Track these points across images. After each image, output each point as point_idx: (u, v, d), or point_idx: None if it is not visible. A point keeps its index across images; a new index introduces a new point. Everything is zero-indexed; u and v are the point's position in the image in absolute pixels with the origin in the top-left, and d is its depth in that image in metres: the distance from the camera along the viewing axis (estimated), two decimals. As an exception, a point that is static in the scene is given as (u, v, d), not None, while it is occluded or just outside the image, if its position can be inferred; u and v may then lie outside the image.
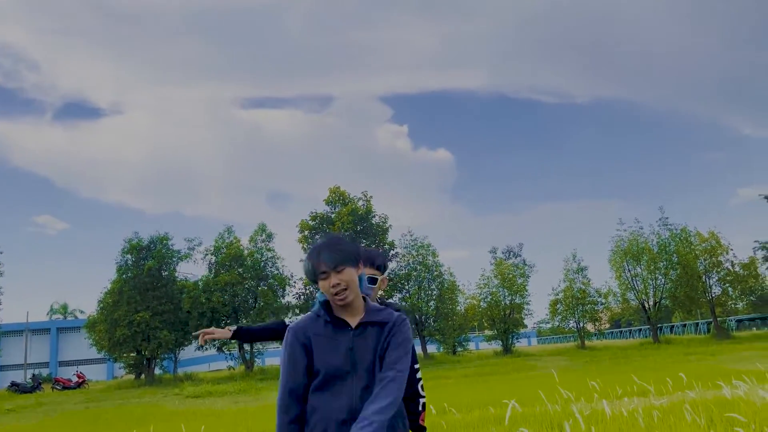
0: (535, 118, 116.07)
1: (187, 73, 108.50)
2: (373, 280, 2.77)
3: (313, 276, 2.21)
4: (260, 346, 38.80)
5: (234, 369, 37.26)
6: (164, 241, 35.88)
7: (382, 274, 2.84)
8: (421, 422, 2.78)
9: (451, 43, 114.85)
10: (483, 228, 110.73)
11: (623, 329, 69.98)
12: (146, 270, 34.12)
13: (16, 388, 35.65)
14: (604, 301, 43.71)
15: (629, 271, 42.32)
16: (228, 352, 37.77)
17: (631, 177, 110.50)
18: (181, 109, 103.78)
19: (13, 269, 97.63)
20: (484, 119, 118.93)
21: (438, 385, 18.10)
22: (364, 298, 2.27)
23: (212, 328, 3.18)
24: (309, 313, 2.31)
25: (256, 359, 38.30)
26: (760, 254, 45.18)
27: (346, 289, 2.16)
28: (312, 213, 38.77)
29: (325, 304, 2.24)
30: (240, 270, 36.60)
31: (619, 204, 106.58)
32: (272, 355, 48.32)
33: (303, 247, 38.23)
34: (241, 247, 37.97)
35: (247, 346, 37.14)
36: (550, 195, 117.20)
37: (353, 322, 2.21)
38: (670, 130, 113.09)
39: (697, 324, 54.35)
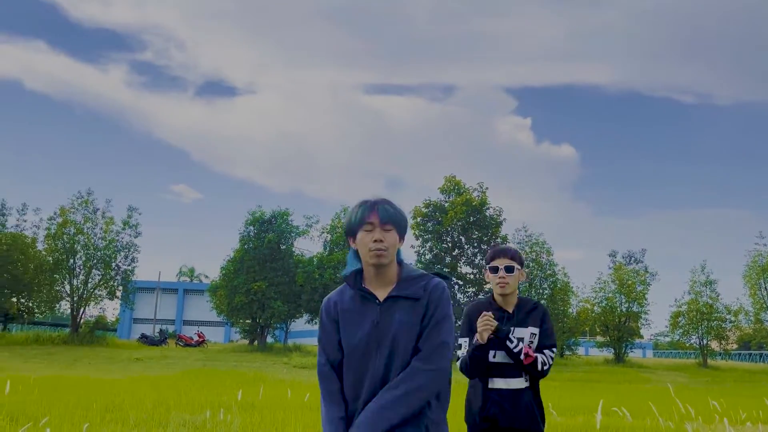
0: (668, 118, 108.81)
1: (316, 57, 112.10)
2: (509, 269, 2.93)
3: (357, 225, 2.06)
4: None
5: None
6: (285, 216, 37.47)
7: None
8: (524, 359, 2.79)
9: (580, 34, 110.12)
10: (602, 230, 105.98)
11: (753, 352, 64.36)
12: (266, 242, 35.82)
13: (145, 339, 39.00)
14: (733, 319, 40.40)
15: (766, 289, 38.83)
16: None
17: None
18: (309, 92, 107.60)
19: (150, 231, 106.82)
20: (613, 116, 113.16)
21: (546, 387, 17.59)
22: (400, 264, 2.11)
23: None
24: (341, 286, 2.18)
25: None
26: None
27: (385, 249, 2.01)
28: (426, 200, 38.83)
29: (356, 274, 2.12)
30: (353, 250, 37.47)
31: (755, 216, 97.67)
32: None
33: (415, 233, 38.45)
34: (356, 229, 38.84)
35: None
36: (678, 201, 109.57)
37: (382, 294, 2.06)
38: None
39: None
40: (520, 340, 2.82)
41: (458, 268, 37.67)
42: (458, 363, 2.97)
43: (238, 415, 8.45)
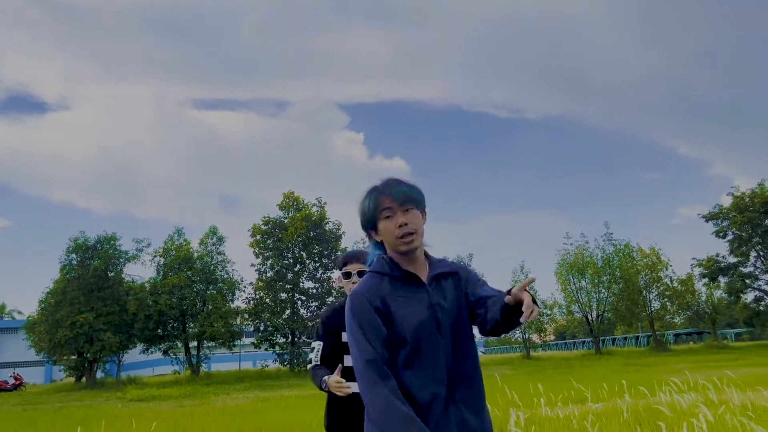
0: (487, 130, 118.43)
1: (138, 70, 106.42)
2: (362, 274, 2.79)
3: (373, 215, 1.91)
4: (207, 351, 38.33)
5: (179, 373, 36.68)
6: (111, 241, 35.09)
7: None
8: None
9: (408, 53, 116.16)
10: (434, 238, 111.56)
11: (567, 341, 71.84)
12: (92, 270, 33.27)
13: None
14: (549, 312, 44.86)
15: (574, 284, 43.63)
16: (174, 356, 37.15)
17: (579, 192, 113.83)
18: (131, 107, 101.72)
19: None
20: (438, 129, 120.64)
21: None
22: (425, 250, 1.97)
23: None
24: (366, 276, 1.96)
25: (203, 364, 37.77)
26: (696, 271, 47.30)
27: (414, 233, 1.86)
28: (265, 217, 38.62)
29: (390, 260, 1.93)
30: (189, 273, 36.10)
31: (566, 218, 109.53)
32: (219, 361, 47.68)
33: (254, 251, 38.00)
34: (191, 250, 37.49)
35: (193, 351, 36.62)
36: (500, 206, 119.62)
37: (423, 276, 1.90)
38: (616, 149, 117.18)
39: (638, 337, 56.28)
40: None
41: (300, 284, 37.84)
42: (308, 366, 2.93)
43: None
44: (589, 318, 43.81)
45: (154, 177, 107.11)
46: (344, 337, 2.77)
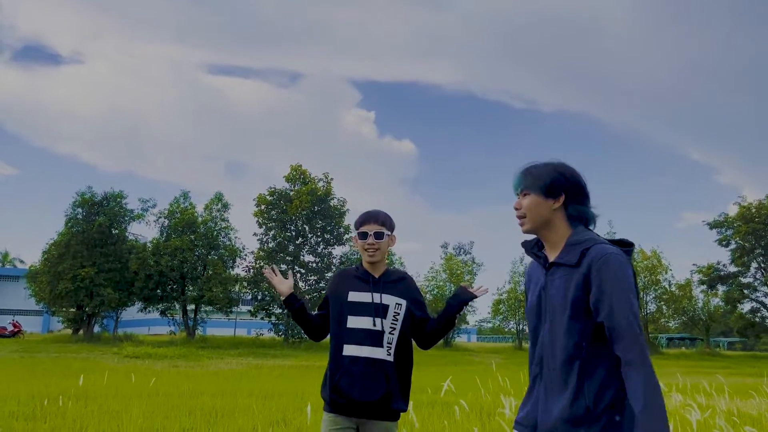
0: (499, 120, 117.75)
1: (155, 29, 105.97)
2: (379, 235, 2.77)
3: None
4: (204, 315, 38.71)
5: (175, 334, 37.11)
6: (118, 199, 35.32)
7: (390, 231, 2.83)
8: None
9: (426, 34, 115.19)
10: (438, 223, 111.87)
11: (560, 335, 72.08)
12: (96, 226, 33.55)
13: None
14: (545, 306, 45.04)
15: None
16: (171, 317, 37.55)
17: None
18: (145, 66, 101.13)
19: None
20: (450, 115, 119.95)
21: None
22: (575, 226, 1.94)
23: (277, 274, 2.94)
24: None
25: (198, 327, 38.19)
26: (696, 277, 47.40)
27: (523, 216, 1.94)
28: (271, 188, 38.73)
29: (537, 240, 2.03)
30: (192, 237, 36.36)
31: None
32: (215, 326, 48.16)
33: (258, 221, 38.17)
34: (196, 214, 37.69)
35: (190, 314, 37.00)
36: (505, 197, 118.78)
37: (551, 258, 1.93)
38: (627, 149, 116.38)
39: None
40: (386, 307, 2.69)
41: (301, 257, 38.06)
42: None
43: (82, 403, 8.15)
44: (585, 315, 44.01)
45: (161, 137, 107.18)
46: (352, 297, 2.74)
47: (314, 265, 38.48)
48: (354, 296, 2.73)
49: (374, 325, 2.66)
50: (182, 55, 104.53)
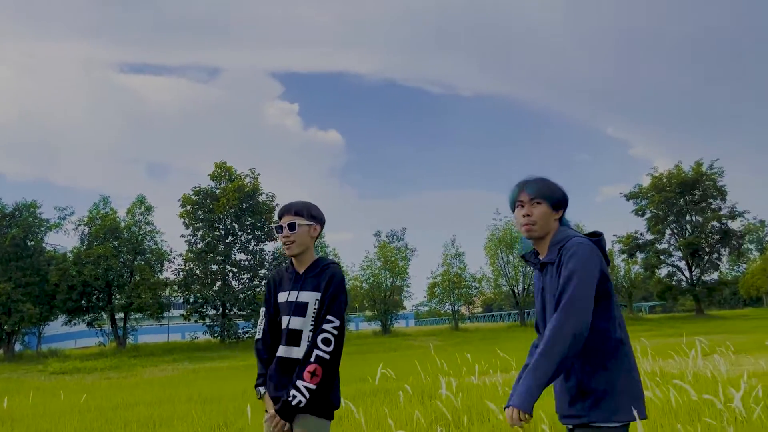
0: (420, 107, 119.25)
1: (58, 27, 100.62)
2: (292, 226, 2.64)
3: (512, 206, 2.27)
4: (134, 323, 37.40)
5: (104, 345, 35.71)
6: (31, 209, 33.44)
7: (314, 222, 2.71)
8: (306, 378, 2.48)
9: (344, 24, 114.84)
10: (369, 211, 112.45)
11: (495, 313, 74.10)
12: (9, 239, 31.67)
13: None
14: (478, 285, 46.23)
15: (502, 258, 45.06)
16: (99, 328, 36.09)
17: (509, 169, 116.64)
18: (50, 67, 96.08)
19: None
20: (374, 103, 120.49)
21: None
22: (560, 230, 2.21)
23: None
24: None
25: (129, 336, 36.87)
26: (617, 247, 49.68)
27: (533, 223, 2.16)
28: (196, 187, 37.73)
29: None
30: (115, 243, 34.97)
31: (493, 194, 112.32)
32: (146, 333, 46.62)
33: (185, 222, 37.13)
34: (118, 219, 36.26)
35: (119, 322, 35.67)
36: (433, 182, 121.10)
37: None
38: (545, 128, 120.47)
39: (558, 309, 58.76)
40: (304, 305, 2.60)
41: (232, 256, 37.36)
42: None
43: (8, 427, 7.73)
44: (516, 291, 45.43)
45: (75, 142, 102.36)
46: (280, 298, 2.69)
47: (246, 263, 37.86)
48: (282, 296, 2.70)
49: (290, 324, 2.60)
50: (90, 53, 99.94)
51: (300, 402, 2.46)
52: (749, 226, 57.99)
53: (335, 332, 2.56)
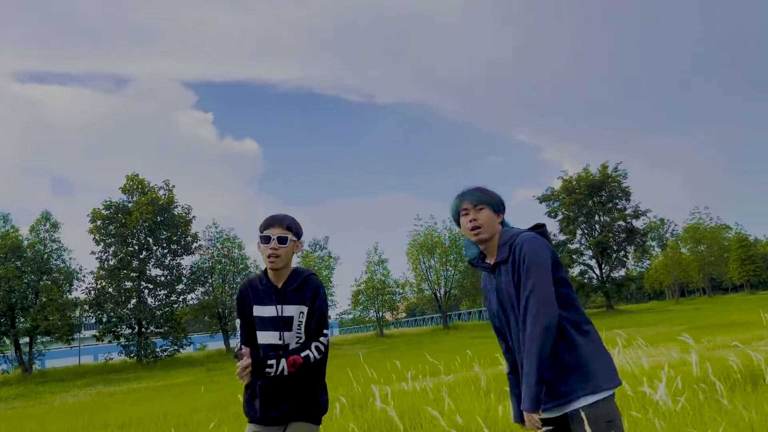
0: (339, 114, 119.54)
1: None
2: (282, 239, 2.59)
3: (456, 216, 2.39)
4: (41, 347, 35.13)
5: (8, 372, 33.34)
6: None
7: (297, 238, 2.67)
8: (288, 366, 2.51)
9: (258, 32, 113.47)
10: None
11: (418, 317, 74.95)
12: None
13: None
14: (401, 291, 46.59)
15: (424, 263, 45.63)
16: (1, 354, 33.66)
17: (428, 175, 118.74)
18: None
19: None
20: (291, 112, 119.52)
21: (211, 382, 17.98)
22: (504, 233, 2.36)
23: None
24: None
25: (36, 361, 34.57)
26: (532, 249, 51.44)
27: (480, 227, 2.30)
28: (106, 201, 36.02)
29: (479, 253, 2.41)
30: (18, 263, 32.78)
31: (414, 200, 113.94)
32: (56, 357, 43.88)
33: (95, 238, 35.31)
34: (21, 238, 34.03)
35: (24, 347, 33.38)
36: (354, 190, 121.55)
37: (492, 262, 2.36)
38: (462, 134, 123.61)
39: (481, 311, 60.12)
40: (290, 319, 2.60)
41: (147, 272, 35.88)
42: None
43: None
44: (438, 295, 46.10)
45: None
46: (256, 311, 2.64)
47: (163, 278, 36.46)
48: (258, 310, 2.64)
49: (279, 339, 2.59)
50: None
51: (278, 370, 2.49)
52: (651, 224, 61.70)
53: (326, 342, 2.65)
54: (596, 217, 50.69)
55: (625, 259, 52.34)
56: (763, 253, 72.49)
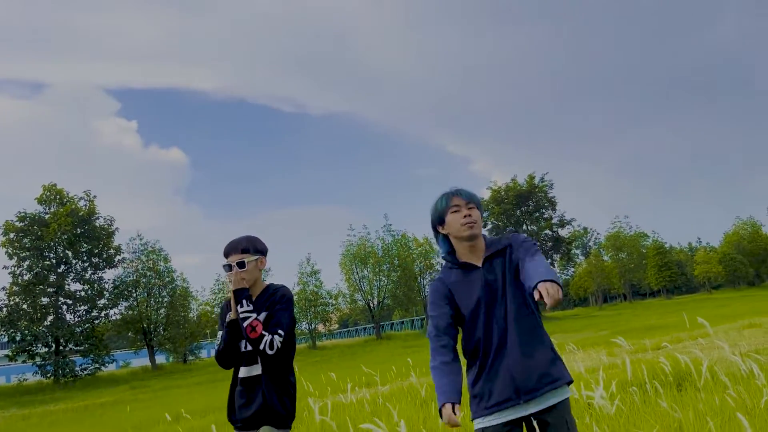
0: (270, 124, 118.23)
1: None
2: (241, 264, 2.75)
3: (443, 212, 2.41)
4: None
5: None
6: None
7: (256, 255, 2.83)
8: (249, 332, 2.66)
9: (185, 39, 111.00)
10: (219, 232, 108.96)
11: (350, 328, 74.73)
12: None
13: None
14: (334, 302, 46.27)
15: (357, 273, 45.57)
16: None
17: (360, 186, 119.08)
18: None
19: None
20: (220, 121, 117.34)
21: (170, 394, 17.32)
22: (483, 237, 2.45)
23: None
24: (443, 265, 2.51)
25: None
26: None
27: (475, 223, 2.36)
28: (20, 213, 34.03)
29: (451, 255, 2.45)
30: None
31: (349, 211, 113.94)
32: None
33: (8, 252, 33.26)
34: None
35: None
36: (286, 200, 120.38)
37: (479, 261, 2.39)
38: (393, 146, 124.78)
39: (413, 321, 60.53)
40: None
41: (66, 286, 34.11)
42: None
43: None
44: (371, 305, 46.07)
45: None
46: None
47: (83, 293, 34.74)
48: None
49: (248, 346, 2.74)
50: None
51: (245, 323, 2.65)
52: (575, 233, 64.02)
53: (280, 341, 2.67)
54: (524, 227, 52.11)
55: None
56: (677, 260, 76.57)
